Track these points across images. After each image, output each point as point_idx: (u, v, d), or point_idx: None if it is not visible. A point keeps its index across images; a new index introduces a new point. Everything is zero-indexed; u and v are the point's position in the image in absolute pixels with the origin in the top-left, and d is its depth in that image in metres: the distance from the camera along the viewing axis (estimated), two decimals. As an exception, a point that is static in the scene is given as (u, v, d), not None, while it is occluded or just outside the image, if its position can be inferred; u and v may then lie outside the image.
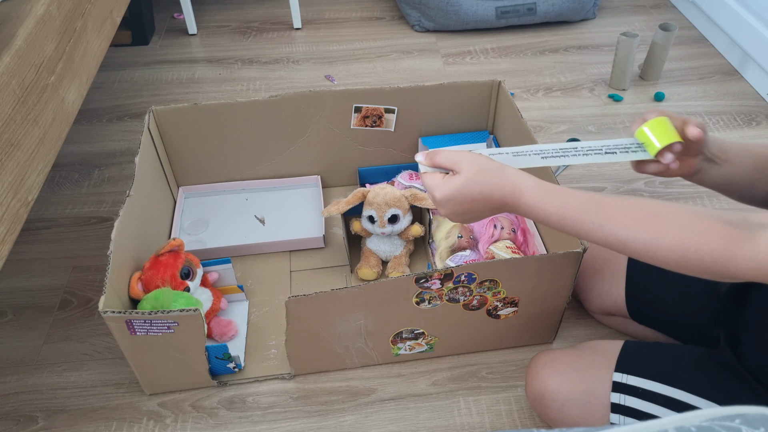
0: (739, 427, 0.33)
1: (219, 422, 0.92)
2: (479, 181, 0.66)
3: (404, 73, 1.68)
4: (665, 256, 0.59)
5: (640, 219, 0.60)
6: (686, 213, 0.59)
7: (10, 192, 0.73)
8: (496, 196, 0.66)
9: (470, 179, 0.66)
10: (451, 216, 0.70)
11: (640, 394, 0.76)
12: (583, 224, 0.63)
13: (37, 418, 0.93)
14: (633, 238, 0.60)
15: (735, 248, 0.56)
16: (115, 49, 1.78)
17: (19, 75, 0.77)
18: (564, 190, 0.65)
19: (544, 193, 0.65)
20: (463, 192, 0.66)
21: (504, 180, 0.66)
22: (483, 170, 0.67)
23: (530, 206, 0.65)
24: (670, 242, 0.58)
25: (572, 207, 0.64)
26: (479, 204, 0.67)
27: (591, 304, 1.00)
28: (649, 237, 0.59)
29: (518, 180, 0.66)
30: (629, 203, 0.62)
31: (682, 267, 0.59)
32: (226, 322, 1.00)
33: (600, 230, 0.62)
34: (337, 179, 1.29)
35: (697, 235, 0.57)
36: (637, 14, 1.93)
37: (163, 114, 1.11)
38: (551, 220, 0.65)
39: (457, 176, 0.67)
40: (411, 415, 0.93)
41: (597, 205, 0.63)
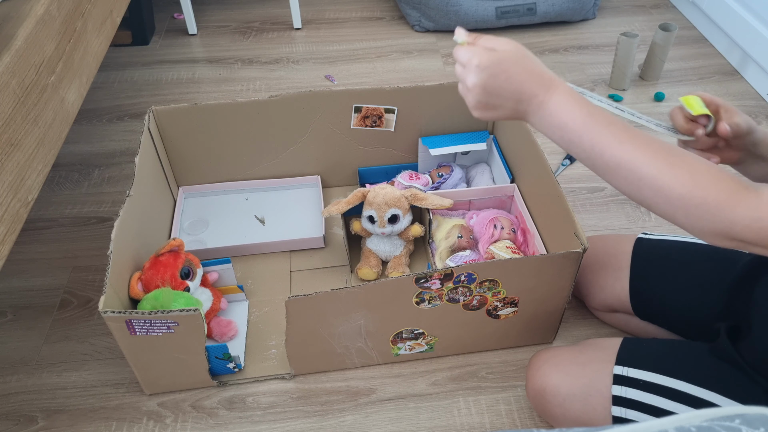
0: (739, 427, 0.33)
1: (219, 422, 0.92)
2: (522, 63, 0.65)
3: (404, 73, 1.68)
4: (673, 187, 0.59)
5: (660, 149, 0.61)
6: (702, 160, 0.60)
7: (10, 192, 0.73)
8: (532, 82, 0.65)
9: (515, 55, 0.65)
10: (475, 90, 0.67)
11: (641, 385, 0.76)
12: (604, 137, 0.62)
13: (37, 418, 0.93)
14: (649, 162, 0.60)
15: (740, 196, 0.57)
16: (115, 49, 1.78)
17: (19, 75, 0.77)
18: (591, 103, 0.65)
19: (577, 96, 0.65)
20: (504, 65, 0.65)
21: (544, 71, 0.66)
22: (528, 56, 0.66)
23: (560, 104, 0.64)
24: (682, 174, 0.59)
25: (600, 117, 0.63)
26: (512, 86, 0.65)
27: (593, 300, 1.00)
28: (664, 165, 0.59)
29: (556, 78, 0.66)
30: (652, 137, 0.63)
31: (684, 204, 0.59)
32: (226, 322, 1.00)
33: (618, 146, 0.61)
34: (337, 179, 1.29)
35: (710, 175, 0.58)
36: (637, 14, 1.93)
37: (163, 114, 1.11)
38: (575, 124, 0.63)
39: (503, 50, 0.65)
40: (411, 415, 0.93)
41: (623, 125, 0.63)
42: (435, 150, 1.17)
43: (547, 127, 0.66)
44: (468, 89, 0.68)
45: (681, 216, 0.60)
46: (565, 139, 0.65)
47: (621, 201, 1.28)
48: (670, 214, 0.61)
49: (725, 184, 0.58)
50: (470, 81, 0.67)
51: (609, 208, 1.27)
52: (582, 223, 1.21)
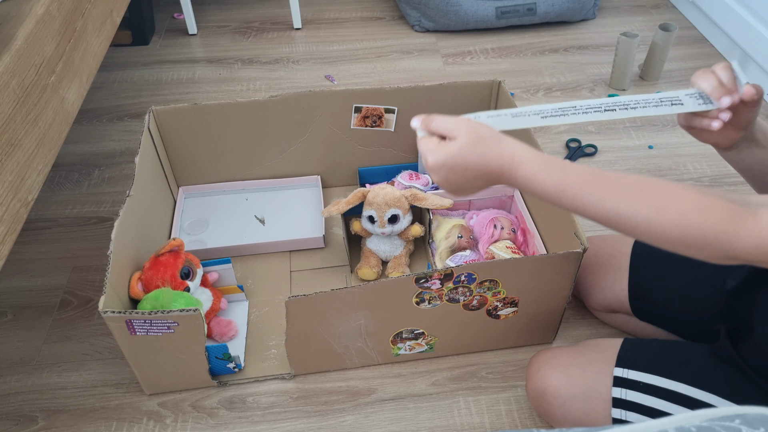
0: (739, 427, 0.33)
1: (219, 422, 0.92)
2: (476, 149, 0.63)
3: (404, 73, 1.68)
4: (666, 231, 0.58)
5: (642, 193, 0.59)
6: (688, 189, 0.59)
7: (10, 192, 0.73)
8: (492, 165, 0.63)
9: (466, 146, 0.63)
10: (443, 184, 0.67)
11: (641, 388, 0.76)
12: (583, 197, 0.61)
13: (37, 418, 0.93)
14: (635, 212, 0.58)
15: (737, 224, 0.55)
16: (115, 49, 1.78)
17: (19, 75, 0.77)
18: (564, 162, 0.63)
19: (543, 165, 0.62)
20: (458, 159, 0.64)
21: (502, 149, 0.64)
22: (480, 138, 0.64)
23: (528, 178, 0.63)
24: (672, 217, 0.57)
25: (572, 179, 0.61)
26: (473, 173, 0.64)
27: (593, 300, 1.00)
28: (652, 211, 0.58)
29: (517, 150, 0.64)
30: (630, 178, 0.61)
31: (683, 243, 0.58)
32: (226, 322, 1.00)
33: (601, 204, 0.60)
34: (337, 179, 1.29)
35: (700, 210, 0.56)
36: (637, 14, 1.93)
37: (163, 114, 1.11)
38: (550, 192, 0.62)
39: (453, 142, 0.64)
40: (411, 415, 0.93)
41: (598, 179, 0.61)
42: (435, 150, 1.17)
43: (526, 193, 0.65)
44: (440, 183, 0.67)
45: (682, 250, 0.59)
46: (546, 201, 0.64)
47: (621, 201, 1.28)
48: (671, 249, 0.59)
49: (719, 214, 0.56)
50: (433, 177, 0.67)
51: (609, 208, 1.26)
52: (582, 223, 1.21)
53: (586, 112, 0.70)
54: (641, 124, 1.48)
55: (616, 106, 0.71)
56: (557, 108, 0.70)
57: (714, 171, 1.35)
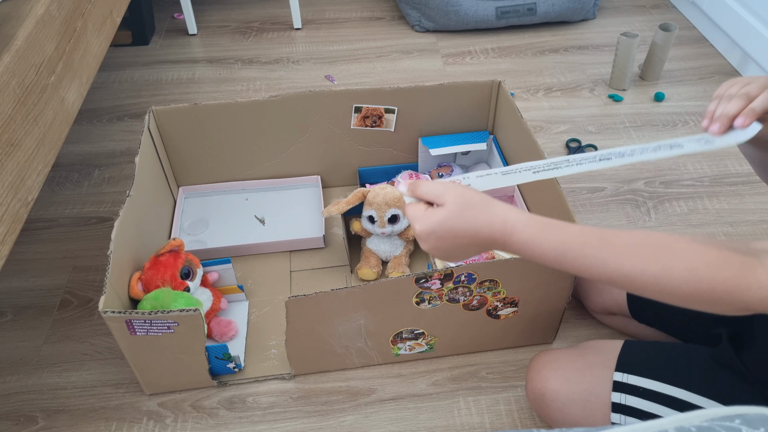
0: (739, 427, 0.33)
1: (219, 422, 0.92)
2: (465, 216, 0.61)
3: (404, 73, 1.68)
4: (675, 288, 0.56)
5: (646, 251, 0.57)
6: (693, 242, 0.56)
7: (10, 192, 0.73)
8: (483, 233, 0.61)
9: (454, 213, 0.61)
10: (432, 251, 0.65)
11: (640, 393, 0.76)
12: (585, 259, 0.58)
13: (37, 418, 0.93)
14: (641, 271, 0.56)
15: (748, 277, 0.53)
16: (115, 49, 1.78)
17: (19, 75, 0.77)
18: (561, 224, 0.61)
19: (539, 228, 0.60)
20: (446, 226, 0.61)
21: (493, 216, 0.61)
22: (469, 205, 0.61)
23: (524, 243, 0.61)
24: (681, 273, 0.55)
25: (571, 242, 0.59)
26: (464, 240, 0.62)
27: (592, 302, 1.00)
28: (659, 270, 0.56)
29: (509, 216, 0.61)
30: (632, 235, 0.59)
31: (693, 299, 0.56)
32: (226, 322, 1.00)
33: (603, 265, 0.58)
34: (337, 179, 1.29)
35: (709, 264, 0.55)
36: (637, 14, 1.93)
37: (163, 114, 1.11)
38: (548, 256, 0.60)
39: (441, 209, 0.62)
40: (411, 415, 0.93)
41: (598, 239, 0.59)
42: (435, 150, 1.17)
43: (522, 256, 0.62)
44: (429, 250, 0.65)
45: (693, 306, 0.57)
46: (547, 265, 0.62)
47: (621, 201, 1.28)
48: (681, 305, 0.58)
49: (729, 269, 0.54)
50: (421, 245, 0.65)
51: (609, 208, 1.27)
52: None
53: (580, 164, 0.68)
54: (641, 125, 1.48)
55: (612, 155, 0.68)
56: (549, 163, 0.68)
57: (714, 171, 1.35)
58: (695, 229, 1.22)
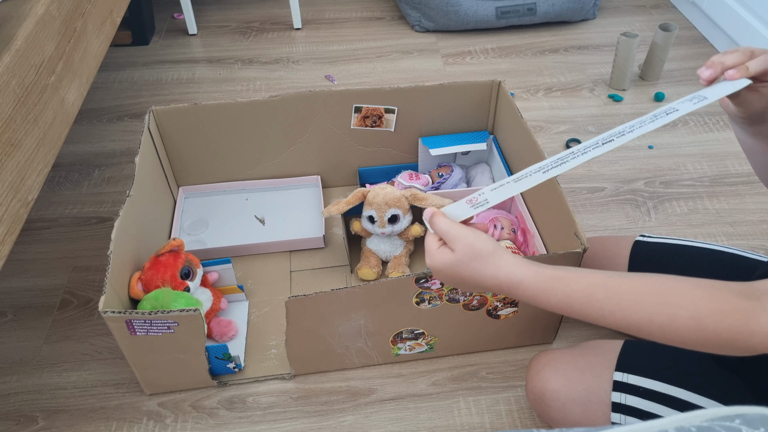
0: (739, 427, 0.33)
1: (219, 422, 0.92)
2: (471, 267, 0.63)
3: (404, 73, 1.68)
4: (682, 335, 0.57)
5: (651, 301, 0.58)
6: (696, 288, 0.58)
7: (10, 192, 0.73)
8: (488, 283, 0.63)
9: (461, 262, 0.63)
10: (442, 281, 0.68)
11: (641, 393, 0.76)
12: (592, 312, 0.60)
13: (37, 418, 0.93)
14: (648, 321, 0.58)
15: (752, 323, 0.54)
16: (115, 49, 1.78)
17: (19, 75, 0.77)
18: (566, 276, 0.62)
19: (545, 282, 0.62)
20: (453, 270, 0.64)
21: (498, 269, 0.63)
22: (477, 257, 0.63)
23: (530, 297, 0.62)
24: (686, 323, 0.56)
25: (577, 295, 0.60)
26: (470, 284, 0.65)
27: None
28: (665, 319, 0.57)
29: (515, 271, 0.62)
30: (636, 283, 0.60)
31: (700, 345, 0.57)
32: (226, 322, 1.00)
33: (611, 316, 0.59)
34: (337, 179, 1.29)
35: (713, 312, 0.55)
36: (637, 14, 1.93)
37: (163, 114, 1.11)
38: (555, 309, 0.62)
39: (451, 253, 0.64)
40: (411, 415, 0.93)
41: (604, 290, 0.60)
42: (435, 150, 1.17)
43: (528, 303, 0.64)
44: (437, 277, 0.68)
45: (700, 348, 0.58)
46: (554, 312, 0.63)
47: (621, 201, 1.28)
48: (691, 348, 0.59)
49: (733, 316, 0.55)
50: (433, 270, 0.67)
51: (609, 208, 1.27)
52: (582, 223, 1.21)
53: (585, 153, 0.70)
54: (641, 124, 1.48)
55: (613, 136, 0.70)
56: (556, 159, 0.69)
57: (714, 171, 1.35)
58: (695, 229, 1.22)
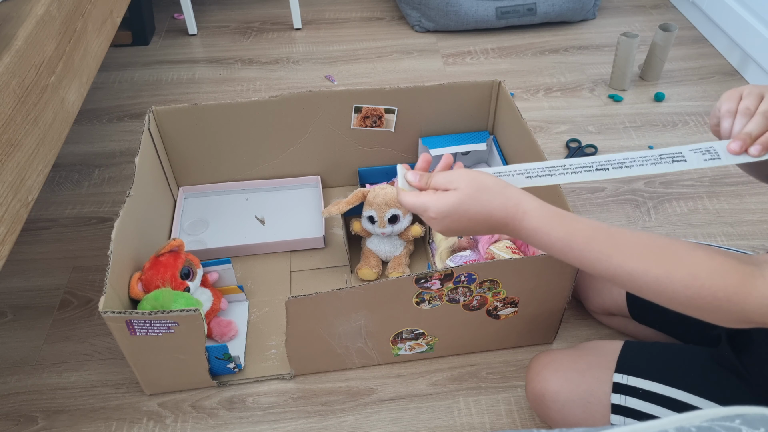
0: (739, 427, 0.33)
1: (219, 422, 0.92)
2: (480, 199, 0.62)
3: (404, 74, 1.68)
4: (677, 291, 0.56)
5: (651, 251, 0.57)
6: (698, 248, 0.57)
7: (10, 192, 0.73)
8: (497, 216, 0.62)
9: (469, 196, 0.62)
10: (444, 231, 0.65)
11: (640, 394, 0.75)
12: (590, 253, 0.59)
13: (37, 418, 0.93)
14: (644, 271, 0.57)
15: (749, 285, 0.54)
16: (115, 49, 1.78)
17: (20, 75, 0.77)
18: (571, 216, 0.61)
19: (549, 216, 0.61)
20: (461, 209, 0.62)
21: (507, 199, 0.62)
22: (484, 188, 0.62)
23: (534, 229, 0.61)
24: (683, 277, 0.56)
25: (580, 234, 0.60)
26: (476, 222, 0.63)
27: (591, 303, 1.00)
28: (662, 271, 0.56)
29: (523, 201, 0.62)
30: (639, 235, 0.59)
31: (693, 303, 0.56)
32: (226, 323, 1.00)
33: (608, 261, 0.58)
34: (337, 179, 1.29)
35: (712, 270, 0.55)
36: (637, 14, 1.93)
37: (163, 114, 1.11)
38: (555, 246, 0.61)
39: (455, 192, 0.63)
40: (411, 416, 0.93)
41: (606, 235, 0.59)
42: (435, 150, 1.17)
43: (529, 243, 0.63)
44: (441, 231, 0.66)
45: (692, 312, 0.57)
46: (552, 255, 0.63)
47: (621, 201, 1.28)
48: (680, 310, 0.58)
49: (730, 277, 0.55)
50: (433, 226, 0.66)
51: (609, 208, 1.27)
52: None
53: (576, 172, 0.66)
54: (641, 125, 1.48)
55: (609, 165, 0.65)
56: (544, 167, 0.66)
57: (714, 171, 1.35)
58: (695, 229, 1.22)
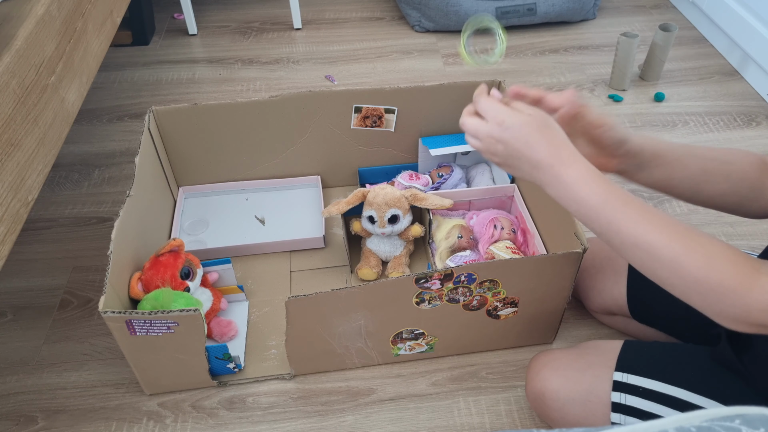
0: (739, 427, 0.33)
1: (219, 422, 0.92)
2: (543, 131, 0.65)
3: (404, 73, 1.68)
4: (691, 272, 0.58)
5: (675, 228, 0.60)
6: (715, 239, 0.60)
7: (10, 192, 0.73)
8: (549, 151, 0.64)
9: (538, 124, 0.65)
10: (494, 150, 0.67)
11: (640, 393, 0.76)
12: (621, 216, 0.61)
13: (37, 418, 0.93)
14: (665, 244, 0.59)
15: (754, 281, 0.56)
16: (115, 49, 1.78)
17: (20, 75, 0.77)
18: (610, 180, 0.64)
19: (593, 173, 0.63)
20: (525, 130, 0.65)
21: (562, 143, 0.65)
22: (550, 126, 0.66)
23: (575, 179, 0.63)
24: (698, 258, 0.58)
25: (616, 196, 0.62)
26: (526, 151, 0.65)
27: (592, 303, 1.00)
28: (681, 247, 0.59)
29: (575, 152, 0.65)
30: (667, 215, 0.62)
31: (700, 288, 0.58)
32: (226, 323, 1.00)
33: (635, 226, 0.61)
34: (337, 179, 1.29)
35: (725, 261, 0.58)
36: (637, 14, 1.93)
37: (163, 114, 1.11)
38: (589, 201, 0.63)
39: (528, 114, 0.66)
40: (411, 415, 0.93)
41: (639, 204, 0.62)
42: (435, 150, 1.17)
43: (563, 199, 0.65)
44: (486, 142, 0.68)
45: (696, 298, 0.59)
46: (580, 213, 0.64)
47: (621, 201, 1.28)
48: (685, 295, 0.60)
49: (741, 268, 0.57)
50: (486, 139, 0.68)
51: (609, 208, 1.26)
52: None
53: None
54: (641, 125, 1.48)
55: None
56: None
57: (714, 171, 1.35)
58: (695, 229, 1.21)
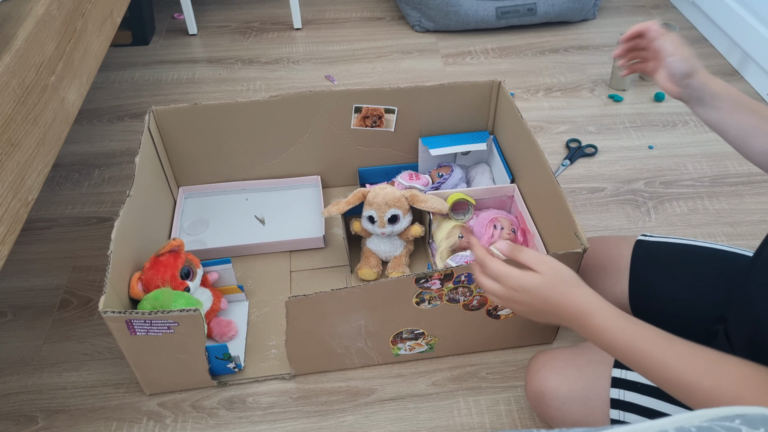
0: (739, 427, 0.33)
1: (219, 422, 0.92)
2: (557, 289, 0.66)
3: (404, 73, 1.68)
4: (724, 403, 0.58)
5: (704, 364, 0.60)
6: (745, 367, 0.59)
7: (10, 192, 0.73)
8: (568, 308, 0.66)
9: (548, 283, 0.66)
10: (514, 306, 0.69)
11: (639, 388, 0.76)
12: (650, 358, 0.62)
13: (37, 418, 0.93)
14: (696, 382, 0.59)
15: None
16: (115, 49, 1.78)
17: (20, 75, 0.77)
18: (635, 320, 0.64)
19: (617, 318, 0.64)
20: (538, 291, 0.67)
21: (581, 296, 0.66)
22: (563, 280, 0.67)
23: (599, 328, 0.65)
24: (728, 396, 0.58)
25: (643, 338, 0.63)
26: (547, 308, 0.67)
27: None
28: (711, 385, 0.58)
29: (593, 300, 0.66)
30: (694, 346, 0.62)
31: None
32: (226, 322, 1.00)
33: (663, 367, 0.61)
34: (337, 179, 1.29)
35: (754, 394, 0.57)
36: (637, 14, 1.93)
37: (163, 114, 1.11)
38: (618, 346, 0.64)
39: (537, 275, 0.67)
40: (411, 415, 0.93)
41: (666, 341, 0.62)
42: (435, 150, 1.17)
43: (595, 343, 0.66)
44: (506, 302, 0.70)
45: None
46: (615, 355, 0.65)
47: (621, 201, 1.28)
48: None
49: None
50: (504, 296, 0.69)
51: (609, 208, 1.27)
52: (582, 223, 1.21)
53: None
54: (641, 125, 1.48)
55: None
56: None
57: (714, 171, 1.35)
58: (695, 229, 1.22)
